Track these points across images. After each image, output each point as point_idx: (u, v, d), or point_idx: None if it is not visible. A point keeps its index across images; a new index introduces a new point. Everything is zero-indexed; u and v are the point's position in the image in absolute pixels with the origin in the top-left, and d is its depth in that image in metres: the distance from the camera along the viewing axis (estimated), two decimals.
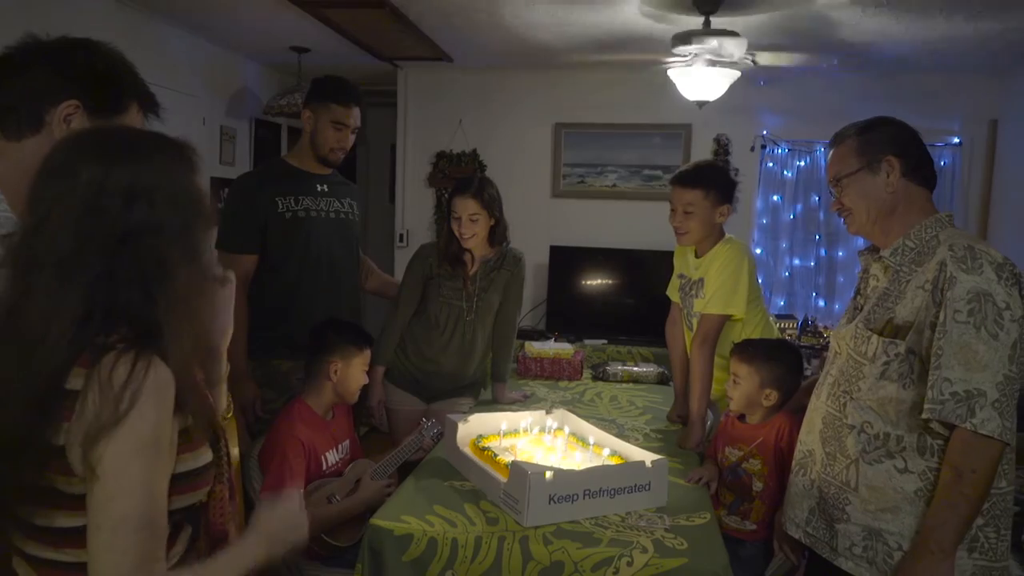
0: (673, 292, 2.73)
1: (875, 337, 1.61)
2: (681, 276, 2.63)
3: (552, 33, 3.87)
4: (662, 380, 3.23)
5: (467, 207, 2.67)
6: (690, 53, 3.36)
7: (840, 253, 4.81)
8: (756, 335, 2.44)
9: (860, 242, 1.88)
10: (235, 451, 2.04)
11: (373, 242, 5.71)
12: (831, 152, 1.76)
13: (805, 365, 3.07)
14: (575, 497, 1.77)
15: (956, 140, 4.58)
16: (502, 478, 1.84)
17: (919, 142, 1.69)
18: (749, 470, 2.11)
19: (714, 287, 2.42)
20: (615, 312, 4.76)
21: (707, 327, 2.41)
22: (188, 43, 4.17)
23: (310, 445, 2.26)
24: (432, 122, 5.09)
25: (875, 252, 1.73)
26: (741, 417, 2.21)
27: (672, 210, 2.50)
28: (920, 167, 1.67)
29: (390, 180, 5.71)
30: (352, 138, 2.74)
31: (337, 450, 2.38)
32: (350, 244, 2.84)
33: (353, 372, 2.38)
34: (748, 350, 2.20)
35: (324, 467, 2.31)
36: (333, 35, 4.01)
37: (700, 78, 3.49)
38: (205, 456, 1.11)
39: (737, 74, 3.52)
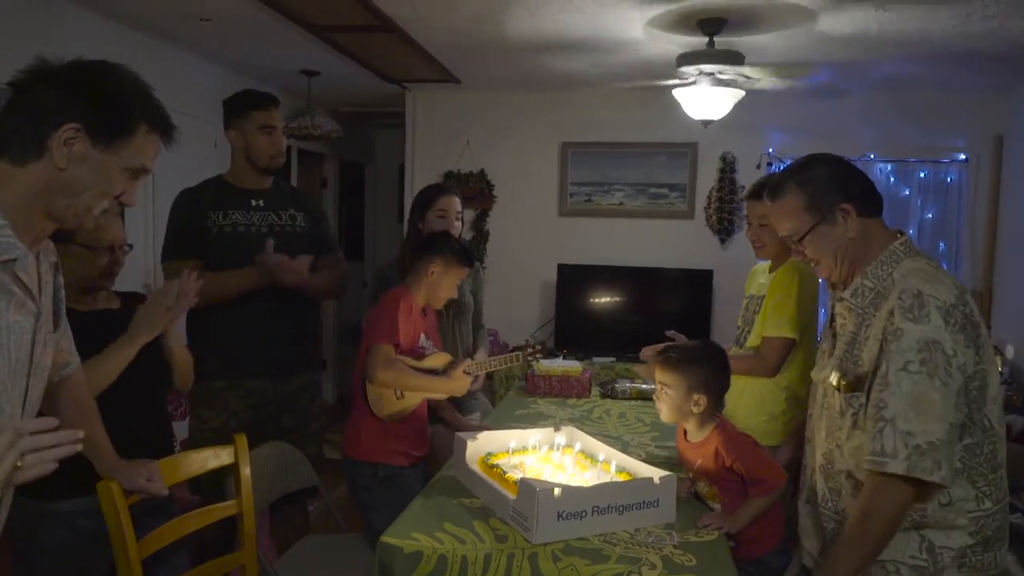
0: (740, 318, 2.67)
1: (838, 394, 1.62)
2: (748, 297, 2.60)
3: (557, 54, 3.91)
4: None
5: (454, 204, 2.79)
6: (695, 72, 3.40)
7: None
8: (798, 365, 2.37)
9: None
10: (246, 471, 2.05)
11: (382, 261, 5.74)
12: (771, 206, 1.70)
13: None
14: (584, 514, 1.77)
15: (962, 157, 4.59)
16: (511, 495, 1.85)
17: (857, 173, 1.66)
18: (701, 492, 2.05)
19: (768, 307, 2.38)
20: (623, 329, 4.76)
21: (766, 353, 2.36)
22: (198, 67, 4.23)
23: (410, 317, 2.38)
24: (440, 142, 5.15)
25: (836, 290, 1.70)
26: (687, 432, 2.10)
27: (749, 223, 2.54)
28: (870, 201, 1.63)
29: (399, 199, 5.76)
30: (284, 139, 2.70)
31: (426, 336, 2.48)
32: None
33: (447, 281, 2.46)
34: (672, 356, 2.05)
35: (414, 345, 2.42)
36: (342, 58, 4.07)
37: (705, 97, 3.52)
38: None
39: (742, 93, 3.55)
